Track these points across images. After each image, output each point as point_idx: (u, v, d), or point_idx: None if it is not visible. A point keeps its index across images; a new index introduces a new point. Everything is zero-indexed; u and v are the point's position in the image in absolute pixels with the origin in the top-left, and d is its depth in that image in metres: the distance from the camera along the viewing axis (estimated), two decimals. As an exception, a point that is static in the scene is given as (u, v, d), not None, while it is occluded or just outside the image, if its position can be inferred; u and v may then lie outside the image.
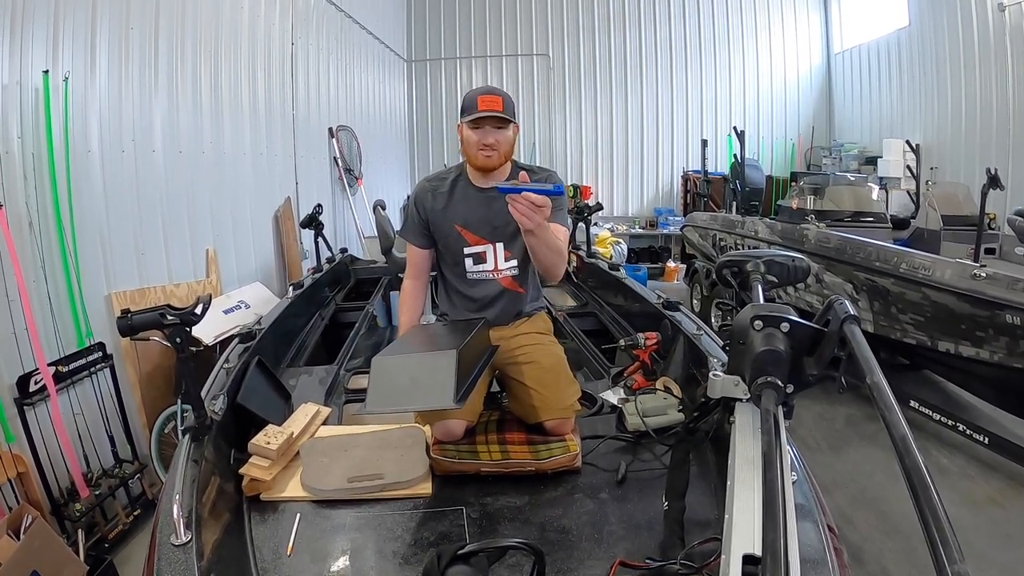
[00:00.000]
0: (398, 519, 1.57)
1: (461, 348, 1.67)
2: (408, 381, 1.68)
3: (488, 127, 1.90)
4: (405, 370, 1.71)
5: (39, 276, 2.70)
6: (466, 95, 1.94)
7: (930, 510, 0.56)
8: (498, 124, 1.91)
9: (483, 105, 1.87)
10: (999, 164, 5.54)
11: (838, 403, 3.99)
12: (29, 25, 2.68)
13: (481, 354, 1.88)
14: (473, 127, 1.91)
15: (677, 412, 2.03)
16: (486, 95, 1.89)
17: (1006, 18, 6.23)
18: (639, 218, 9.73)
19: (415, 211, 2.08)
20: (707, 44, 9.50)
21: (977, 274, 3.17)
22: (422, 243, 2.11)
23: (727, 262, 1.39)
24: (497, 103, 1.88)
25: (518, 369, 1.98)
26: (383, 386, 1.67)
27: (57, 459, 2.68)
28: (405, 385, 1.67)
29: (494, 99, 1.88)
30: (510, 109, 1.91)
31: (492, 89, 1.94)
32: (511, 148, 1.98)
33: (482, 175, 2.00)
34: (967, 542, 2.56)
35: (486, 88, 1.95)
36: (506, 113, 1.89)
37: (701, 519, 1.49)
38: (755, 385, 0.88)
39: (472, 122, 1.90)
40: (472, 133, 1.91)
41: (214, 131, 4.10)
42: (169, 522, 1.25)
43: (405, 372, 1.70)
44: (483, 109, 1.87)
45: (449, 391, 1.58)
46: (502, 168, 2.01)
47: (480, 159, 1.94)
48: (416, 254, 2.14)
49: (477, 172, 2.01)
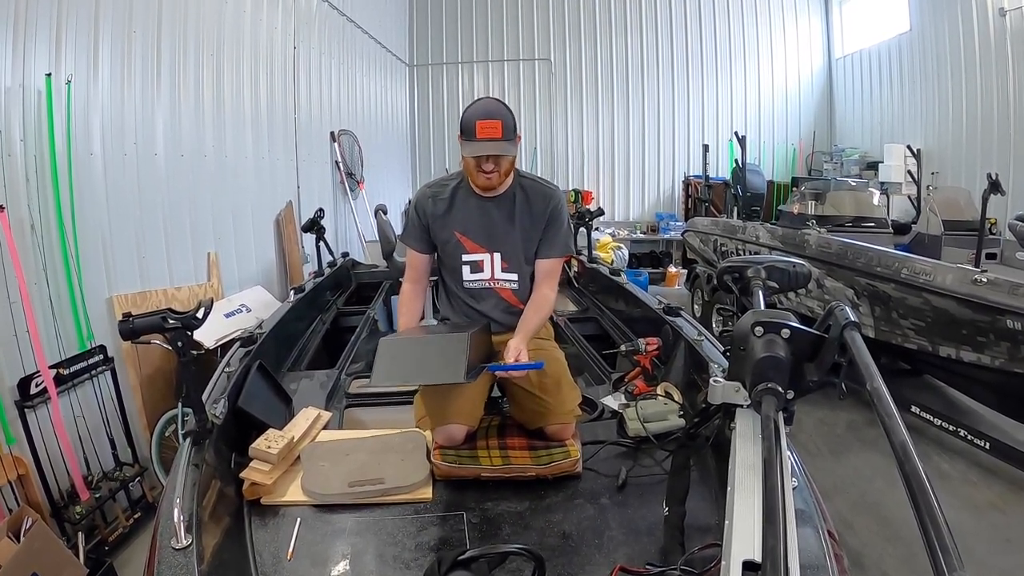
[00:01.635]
0: (399, 524, 1.57)
1: (473, 332, 1.71)
2: (416, 359, 1.73)
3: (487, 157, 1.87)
4: (414, 350, 1.78)
5: (40, 278, 2.70)
6: (465, 113, 1.89)
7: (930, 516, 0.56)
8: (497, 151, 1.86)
9: (482, 133, 1.82)
10: (1000, 169, 5.54)
11: (839, 409, 3.98)
12: (32, 28, 2.69)
13: (486, 350, 1.91)
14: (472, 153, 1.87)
15: (678, 418, 2.03)
16: (485, 120, 1.83)
17: (1007, 23, 6.24)
18: (640, 223, 9.74)
19: (416, 216, 2.08)
20: (708, 49, 9.51)
21: (978, 279, 3.17)
22: (422, 248, 2.11)
23: (728, 267, 1.39)
24: (496, 129, 1.83)
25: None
26: (389, 363, 1.70)
27: (57, 461, 2.68)
28: (413, 363, 1.72)
29: (494, 125, 1.83)
30: (510, 130, 1.86)
31: (491, 111, 1.86)
32: (512, 165, 1.97)
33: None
34: (968, 547, 2.55)
35: (485, 109, 1.88)
36: (505, 138, 1.85)
37: (701, 525, 1.49)
38: (756, 391, 0.88)
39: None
40: (471, 159, 1.89)
41: (216, 134, 4.10)
42: (169, 526, 1.25)
43: (413, 351, 1.76)
44: (482, 138, 1.83)
45: (460, 367, 1.60)
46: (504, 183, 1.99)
47: (481, 181, 1.93)
48: (416, 258, 2.14)
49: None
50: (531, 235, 2.04)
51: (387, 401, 2.40)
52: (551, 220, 2.04)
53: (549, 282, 2.07)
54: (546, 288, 2.06)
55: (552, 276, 2.08)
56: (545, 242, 2.05)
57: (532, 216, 2.03)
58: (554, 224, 2.04)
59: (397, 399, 2.38)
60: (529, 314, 2.00)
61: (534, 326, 1.97)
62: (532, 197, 2.03)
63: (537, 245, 2.06)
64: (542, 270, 2.07)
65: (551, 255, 2.07)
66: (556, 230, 2.05)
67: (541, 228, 2.04)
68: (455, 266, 2.08)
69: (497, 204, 2.02)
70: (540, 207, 2.03)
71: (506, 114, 1.87)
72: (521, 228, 2.03)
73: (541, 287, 2.07)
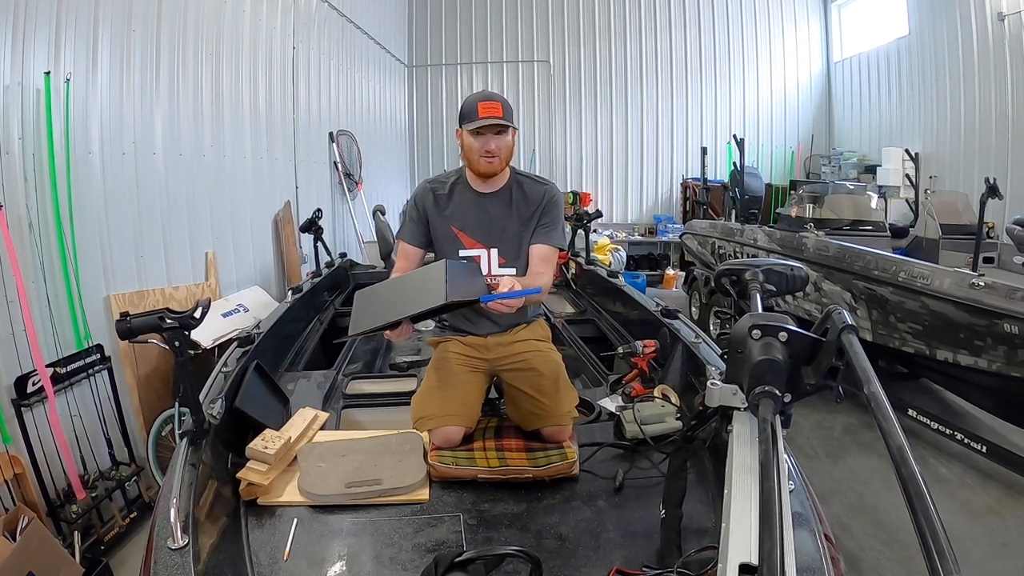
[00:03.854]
0: (395, 525, 1.57)
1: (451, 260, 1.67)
2: (393, 298, 1.66)
3: (489, 134, 1.91)
4: (389, 291, 1.72)
5: (38, 277, 2.70)
6: (465, 101, 1.96)
7: (926, 520, 0.56)
8: (499, 130, 1.92)
9: (484, 112, 1.89)
10: (998, 173, 5.56)
11: (836, 412, 3.99)
12: (31, 26, 2.69)
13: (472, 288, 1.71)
14: (474, 134, 1.92)
15: (675, 420, 2.03)
16: (486, 101, 1.90)
17: (1005, 28, 6.26)
18: (638, 225, 9.74)
19: (415, 209, 2.09)
20: (707, 52, 9.52)
21: (976, 283, 3.17)
22: (418, 242, 2.09)
23: (726, 270, 1.39)
24: (497, 109, 1.89)
25: (516, 376, 1.99)
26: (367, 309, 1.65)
27: (54, 461, 2.67)
28: (390, 302, 1.65)
29: (494, 105, 1.90)
30: (509, 114, 1.93)
31: (491, 95, 1.95)
32: (510, 153, 2.00)
33: (482, 180, 2.02)
34: (965, 551, 2.56)
35: (485, 94, 1.96)
36: (506, 119, 1.91)
37: (698, 527, 1.49)
38: (753, 394, 0.88)
39: (473, 129, 1.91)
40: (474, 140, 1.92)
41: (215, 134, 4.10)
42: (166, 525, 1.25)
43: (389, 293, 1.70)
44: (484, 116, 1.88)
45: (440, 289, 1.52)
46: (502, 173, 2.02)
47: (482, 165, 1.95)
48: (408, 250, 2.11)
49: (477, 177, 2.02)
50: (528, 229, 2.04)
51: (384, 402, 2.41)
52: (546, 210, 2.03)
53: (544, 266, 2.01)
54: (540, 269, 2.00)
55: (547, 261, 2.03)
56: (540, 230, 2.03)
57: (528, 208, 2.03)
58: (549, 214, 2.04)
59: (395, 400, 2.38)
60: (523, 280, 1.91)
61: (527, 282, 1.88)
62: (528, 191, 2.05)
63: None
64: (536, 255, 2.02)
65: (544, 241, 2.02)
66: (551, 219, 2.04)
67: (537, 220, 2.03)
68: None
69: (494, 200, 2.04)
70: (536, 198, 2.04)
71: (504, 101, 1.94)
72: (518, 223, 2.04)
73: (535, 268, 2.01)
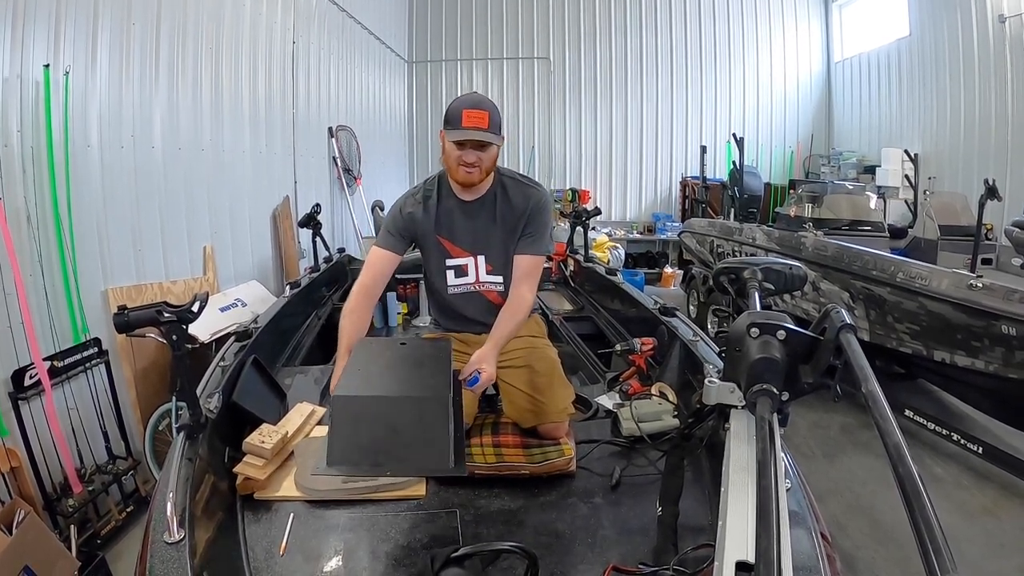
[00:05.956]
0: (392, 520, 1.57)
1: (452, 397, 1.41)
2: (385, 430, 1.35)
3: (470, 147, 1.85)
4: (380, 414, 1.36)
5: (36, 270, 2.69)
6: (451, 104, 1.87)
7: (923, 518, 0.56)
8: (481, 144, 1.85)
9: (468, 121, 1.81)
10: (997, 174, 5.56)
11: (833, 411, 3.99)
12: (31, 18, 2.68)
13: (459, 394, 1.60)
14: (456, 144, 1.85)
15: (672, 418, 2.03)
16: (472, 109, 1.82)
17: (1006, 29, 6.26)
18: (637, 223, 9.74)
19: (399, 214, 2.02)
20: (708, 51, 9.52)
21: (973, 284, 3.17)
22: (395, 246, 2.00)
23: (724, 269, 1.39)
24: (483, 120, 1.81)
25: (512, 373, 1.98)
26: (350, 433, 1.36)
27: (51, 454, 2.67)
28: (381, 436, 1.35)
29: (480, 115, 1.81)
30: (496, 124, 1.84)
31: (479, 102, 1.86)
32: (494, 163, 1.94)
33: (463, 188, 1.97)
34: (961, 552, 2.56)
35: (474, 100, 1.87)
36: (491, 130, 1.83)
37: (694, 525, 1.49)
38: (750, 392, 0.88)
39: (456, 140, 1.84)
40: (454, 148, 1.86)
41: (214, 128, 4.09)
42: (162, 519, 1.25)
43: (380, 417, 1.36)
44: (468, 126, 1.81)
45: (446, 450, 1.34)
46: (484, 181, 1.97)
47: (461, 175, 1.89)
48: (380, 257, 1.99)
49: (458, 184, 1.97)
50: (513, 237, 2.01)
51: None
52: (532, 217, 2.00)
53: (528, 282, 1.99)
54: (524, 288, 1.98)
55: (531, 276, 2.00)
56: (525, 238, 2.00)
57: (514, 214, 2.00)
58: (535, 221, 2.00)
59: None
60: (504, 318, 1.91)
61: (508, 332, 1.88)
62: (513, 196, 2.00)
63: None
64: (521, 268, 1.99)
65: (529, 251, 1.99)
66: (536, 227, 2.00)
67: (522, 225, 2.00)
68: (440, 270, 2.06)
69: (479, 206, 2.00)
70: (521, 204, 2.00)
71: (493, 108, 1.86)
72: (503, 228, 2.00)
73: (519, 287, 1.98)
